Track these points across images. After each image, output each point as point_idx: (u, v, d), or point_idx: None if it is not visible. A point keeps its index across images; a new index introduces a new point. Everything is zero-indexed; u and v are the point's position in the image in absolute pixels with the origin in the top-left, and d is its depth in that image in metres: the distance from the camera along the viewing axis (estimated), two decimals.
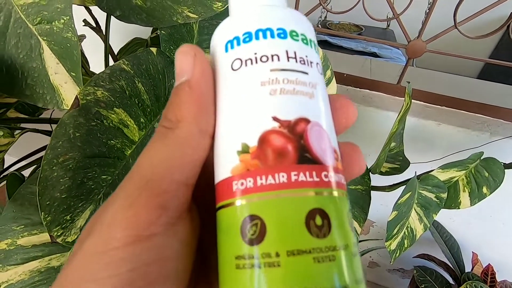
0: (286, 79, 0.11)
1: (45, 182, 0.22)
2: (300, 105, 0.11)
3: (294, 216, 0.10)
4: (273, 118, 0.11)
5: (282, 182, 0.10)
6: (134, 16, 0.33)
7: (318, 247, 0.10)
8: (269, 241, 0.10)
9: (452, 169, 0.50)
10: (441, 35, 0.57)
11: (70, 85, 0.26)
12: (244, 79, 0.12)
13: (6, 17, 0.28)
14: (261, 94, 0.11)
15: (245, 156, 0.11)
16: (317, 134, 0.11)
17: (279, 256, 0.10)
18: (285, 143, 0.11)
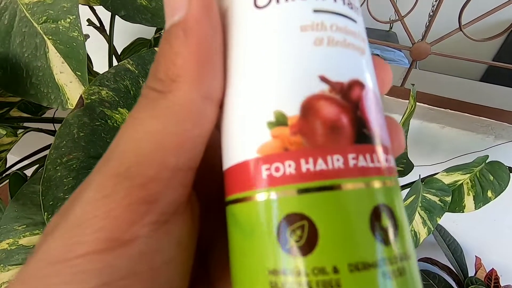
0: (335, 25, 0.08)
1: (48, 182, 0.22)
2: (353, 62, 0.08)
3: (357, 216, 0.07)
4: (321, 78, 0.08)
5: (337, 168, 0.08)
6: (139, 16, 0.33)
7: (386, 258, 0.07)
8: (323, 252, 0.07)
9: (456, 172, 0.49)
10: (446, 37, 0.57)
11: (75, 84, 0.26)
12: (276, 21, 0.08)
13: (11, 16, 0.28)
14: (302, 43, 0.08)
15: (281, 129, 0.08)
16: (373, 104, 0.08)
17: (338, 273, 0.07)
18: (340, 113, 0.08)
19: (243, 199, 0.08)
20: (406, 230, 0.08)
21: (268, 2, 0.08)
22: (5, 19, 0.28)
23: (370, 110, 0.08)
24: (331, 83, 0.08)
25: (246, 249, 0.08)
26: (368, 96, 0.08)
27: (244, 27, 0.09)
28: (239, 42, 0.09)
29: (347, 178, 0.08)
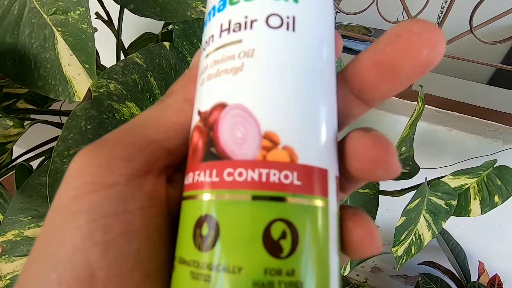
0: (213, 60, 0.10)
1: (55, 174, 0.22)
2: (219, 88, 0.10)
3: (188, 221, 0.09)
4: (198, 112, 0.10)
5: (187, 183, 0.10)
6: (148, 10, 0.33)
7: (199, 261, 0.08)
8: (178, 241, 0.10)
9: (463, 176, 0.49)
10: (456, 39, 0.56)
11: (83, 77, 0.25)
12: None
13: (21, 7, 0.27)
14: (197, 87, 0.11)
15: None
16: (232, 121, 0.09)
17: (174, 260, 0.10)
18: (198, 139, 0.10)
19: None
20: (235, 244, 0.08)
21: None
22: (14, 9, 0.28)
23: (224, 129, 0.09)
24: (200, 114, 0.10)
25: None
26: (229, 114, 0.09)
27: None
28: None
29: (190, 191, 0.10)
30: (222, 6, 0.10)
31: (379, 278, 0.99)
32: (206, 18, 0.11)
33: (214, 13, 0.11)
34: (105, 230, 0.09)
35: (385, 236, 0.88)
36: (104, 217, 0.09)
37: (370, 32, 1.65)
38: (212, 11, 0.11)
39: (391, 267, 0.95)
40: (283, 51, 0.10)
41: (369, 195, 0.48)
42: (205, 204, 0.09)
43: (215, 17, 0.10)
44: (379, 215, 0.59)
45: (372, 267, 0.98)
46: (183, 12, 0.34)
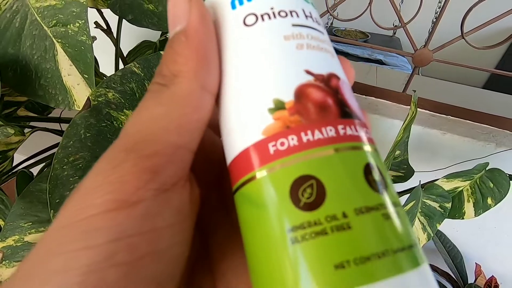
0: (310, 35, 0.11)
1: (55, 181, 0.22)
2: (327, 61, 0.11)
3: (354, 171, 0.09)
4: (306, 72, 0.10)
5: (331, 136, 0.09)
6: (146, 20, 0.34)
7: (383, 203, 0.09)
8: (332, 202, 0.09)
9: (457, 179, 0.49)
10: (448, 45, 0.57)
11: (82, 86, 0.26)
12: (264, 33, 0.11)
13: (23, 19, 0.28)
14: (287, 48, 0.10)
15: (281, 113, 0.10)
16: (348, 90, 0.11)
17: (347, 217, 0.08)
18: (325, 96, 0.10)
19: (253, 177, 0.10)
20: (391, 183, 0.10)
21: (255, 21, 0.11)
22: (16, 21, 0.29)
23: (347, 95, 0.11)
24: (314, 75, 0.10)
25: (262, 220, 0.09)
26: (344, 85, 0.11)
27: (235, 40, 0.11)
28: (233, 51, 0.11)
29: (340, 143, 0.09)
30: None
31: None
32: None
33: None
34: (130, 250, 0.08)
35: None
36: (128, 237, 0.08)
37: (367, 37, 1.66)
38: None
39: None
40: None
41: None
42: (365, 153, 0.10)
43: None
44: None
45: None
46: None
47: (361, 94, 0.69)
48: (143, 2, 0.35)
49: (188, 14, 0.10)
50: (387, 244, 0.08)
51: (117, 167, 0.09)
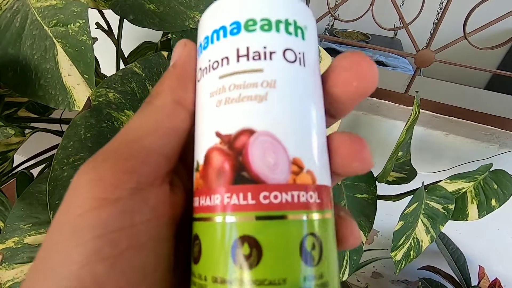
0: (233, 84, 0.10)
1: (55, 182, 0.22)
2: (245, 114, 0.10)
3: (222, 242, 0.09)
4: (216, 134, 0.10)
5: (215, 204, 0.10)
6: (147, 20, 0.34)
7: (241, 279, 0.09)
8: (203, 263, 0.10)
9: (460, 180, 0.49)
10: (450, 45, 0.57)
11: (82, 87, 0.26)
12: (200, 90, 0.12)
13: (23, 19, 0.28)
14: (209, 106, 0.11)
15: (197, 174, 0.11)
16: (263, 146, 0.10)
17: (206, 280, 0.09)
18: (223, 161, 0.10)
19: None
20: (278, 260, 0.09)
21: (200, 77, 0.12)
22: (17, 21, 0.28)
23: (254, 154, 0.10)
24: (221, 136, 0.10)
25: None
26: (258, 140, 0.10)
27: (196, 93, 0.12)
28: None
29: (222, 212, 0.10)
30: (236, 30, 0.11)
31: (379, 283, 0.99)
32: (208, 33, 0.11)
33: (225, 34, 0.11)
34: (112, 245, 0.10)
35: (385, 240, 0.87)
36: (111, 233, 0.10)
37: (368, 38, 1.66)
38: (221, 30, 0.11)
39: (392, 272, 0.95)
40: (300, 84, 0.11)
41: (366, 200, 0.49)
42: (243, 225, 0.09)
43: (227, 39, 0.11)
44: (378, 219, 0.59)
45: (373, 272, 0.98)
46: (181, 22, 0.35)
47: None
48: (145, 2, 0.35)
49: (180, 53, 0.13)
50: None
51: (97, 167, 0.10)
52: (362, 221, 0.48)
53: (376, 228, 0.86)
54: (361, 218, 0.48)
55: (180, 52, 0.13)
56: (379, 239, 0.88)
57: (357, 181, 0.48)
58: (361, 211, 0.48)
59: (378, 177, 0.49)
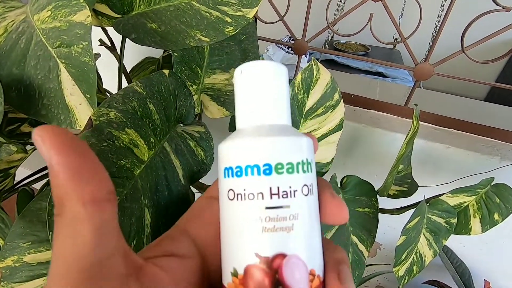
0: (268, 217, 0.13)
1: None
2: (278, 241, 0.13)
3: None
4: (256, 255, 0.13)
5: None
6: (149, 39, 0.35)
7: None
8: None
9: (462, 194, 0.49)
10: (449, 59, 0.58)
11: (84, 106, 0.26)
12: (235, 212, 0.14)
13: (28, 40, 0.29)
14: (248, 230, 0.13)
15: (235, 279, 0.13)
16: (293, 266, 0.13)
17: None
18: (263, 277, 0.13)
19: None
20: None
21: (233, 197, 0.14)
22: (22, 42, 0.29)
23: (287, 273, 0.13)
24: (261, 258, 0.13)
25: None
26: (290, 262, 0.13)
27: (223, 207, 0.15)
28: (223, 216, 0.15)
29: None
30: (269, 171, 0.13)
31: None
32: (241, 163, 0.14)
33: (259, 172, 0.13)
34: None
35: (388, 254, 0.86)
36: None
37: (368, 50, 1.68)
38: (255, 167, 0.13)
39: (395, 286, 0.93)
40: (313, 211, 0.14)
41: (368, 214, 0.48)
42: None
43: (260, 177, 0.13)
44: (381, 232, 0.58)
45: (376, 286, 0.96)
46: (182, 41, 0.36)
47: (363, 108, 0.69)
48: (147, 21, 0.36)
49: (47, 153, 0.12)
50: None
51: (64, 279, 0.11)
52: (364, 235, 0.47)
53: (379, 241, 0.85)
54: (363, 233, 0.48)
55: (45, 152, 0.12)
56: (382, 252, 0.87)
57: (358, 195, 0.48)
58: (363, 225, 0.48)
59: (379, 191, 0.49)
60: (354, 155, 0.70)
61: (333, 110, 0.45)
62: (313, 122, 0.45)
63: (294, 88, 0.43)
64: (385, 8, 0.56)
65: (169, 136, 0.34)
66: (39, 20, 0.29)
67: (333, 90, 0.45)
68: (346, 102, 0.66)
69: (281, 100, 0.15)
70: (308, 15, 0.62)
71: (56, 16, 0.28)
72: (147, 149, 0.30)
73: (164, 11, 0.37)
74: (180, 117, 0.37)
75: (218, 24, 0.37)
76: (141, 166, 0.29)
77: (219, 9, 0.38)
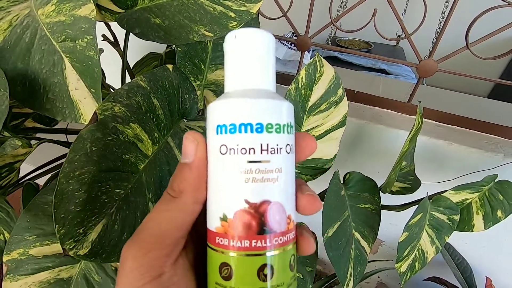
0: (258, 169, 0.15)
1: (61, 195, 0.22)
2: (265, 190, 0.15)
3: (251, 268, 0.15)
4: (245, 201, 0.15)
5: (245, 246, 0.15)
6: (153, 34, 0.34)
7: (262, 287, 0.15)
8: (235, 281, 0.15)
9: (465, 191, 0.49)
10: (453, 55, 0.57)
11: (89, 100, 0.27)
12: (228, 164, 0.15)
13: (32, 34, 0.29)
14: (238, 180, 0.15)
15: (224, 223, 0.15)
16: (275, 211, 0.16)
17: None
18: (251, 220, 0.15)
19: (211, 247, 0.16)
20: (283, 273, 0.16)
21: (226, 152, 0.15)
22: (26, 37, 0.29)
23: (271, 216, 0.15)
24: (249, 203, 0.15)
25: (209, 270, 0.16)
26: (273, 208, 0.15)
27: (214, 161, 0.16)
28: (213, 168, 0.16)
29: (250, 251, 0.15)
30: (260, 130, 0.15)
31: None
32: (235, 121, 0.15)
33: (252, 130, 0.15)
34: None
35: (390, 250, 0.86)
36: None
37: (371, 46, 1.67)
38: (248, 126, 0.15)
39: (397, 283, 0.93)
40: (291, 167, 0.16)
41: (370, 210, 0.48)
42: (263, 258, 0.15)
43: (253, 134, 0.15)
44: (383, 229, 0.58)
45: (378, 282, 0.96)
46: (186, 36, 0.36)
47: (366, 104, 0.68)
48: (150, 16, 0.36)
49: (194, 154, 0.16)
50: None
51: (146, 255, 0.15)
52: (366, 232, 0.48)
53: (381, 238, 0.86)
54: (365, 229, 0.48)
55: (192, 151, 0.16)
56: (383, 248, 0.87)
57: (361, 191, 0.48)
58: (365, 222, 0.48)
59: (382, 187, 0.49)
60: (357, 152, 0.70)
61: (336, 106, 0.45)
62: (316, 118, 0.45)
63: (298, 83, 0.43)
64: (389, 4, 0.56)
65: (172, 131, 0.34)
66: (44, 14, 0.29)
67: (336, 86, 0.44)
68: (349, 98, 0.66)
69: (271, 67, 0.17)
70: (311, 11, 0.61)
71: (60, 10, 0.28)
72: (151, 144, 0.30)
73: (167, 5, 0.37)
74: (184, 112, 0.37)
75: (221, 19, 0.37)
76: (145, 161, 0.29)
77: (222, 4, 0.38)
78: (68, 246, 0.23)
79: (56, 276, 0.29)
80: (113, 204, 0.25)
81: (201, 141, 0.16)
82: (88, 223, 0.24)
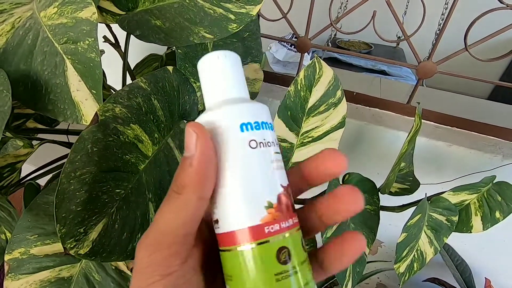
0: (277, 159, 0.17)
1: (62, 195, 0.23)
2: (283, 175, 0.17)
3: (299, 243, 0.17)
4: (281, 185, 0.17)
5: (295, 222, 0.17)
6: (153, 36, 0.35)
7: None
8: (295, 257, 0.16)
9: (463, 192, 0.49)
10: (452, 57, 0.58)
11: (90, 101, 0.27)
12: (260, 157, 0.16)
13: (35, 36, 0.29)
14: (271, 168, 0.17)
15: (271, 209, 0.16)
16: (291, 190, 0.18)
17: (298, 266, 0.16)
18: (288, 200, 0.17)
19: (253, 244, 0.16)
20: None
21: (256, 146, 0.16)
22: (29, 38, 0.29)
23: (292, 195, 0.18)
24: (283, 187, 0.17)
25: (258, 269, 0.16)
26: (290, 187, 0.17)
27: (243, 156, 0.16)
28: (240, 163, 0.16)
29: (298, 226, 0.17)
30: (271, 127, 0.18)
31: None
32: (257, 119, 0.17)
33: (269, 127, 0.18)
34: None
35: (389, 251, 0.86)
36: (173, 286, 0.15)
37: (370, 48, 1.68)
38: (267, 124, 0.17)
39: (396, 284, 0.93)
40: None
41: (369, 211, 0.49)
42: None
43: (271, 130, 0.18)
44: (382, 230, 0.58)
45: (377, 283, 0.96)
46: (186, 38, 0.36)
47: (365, 106, 0.69)
48: (151, 18, 0.36)
49: (194, 148, 0.15)
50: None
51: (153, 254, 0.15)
52: (365, 233, 0.48)
53: (380, 239, 0.86)
54: (364, 230, 0.48)
55: (192, 144, 0.16)
56: (382, 249, 0.88)
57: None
58: (364, 223, 0.48)
59: (381, 188, 0.49)
60: (356, 153, 0.70)
61: (335, 107, 0.45)
62: (316, 119, 0.45)
63: (297, 85, 0.43)
64: (389, 6, 0.56)
65: (172, 132, 0.34)
66: (46, 16, 0.30)
67: (335, 87, 0.45)
68: (348, 100, 0.66)
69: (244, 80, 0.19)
70: (311, 13, 0.62)
71: (62, 13, 0.29)
72: (151, 144, 0.31)
73: (168, 8, 0.37)
74: (184, 114, 0.37)
75: (221, 21, 0.37)
76: (145, 161, 0.30)
77: (222, 6, 0.38)
78: (69, 245, 0.23)
79: (57, 275, 0.30)
80: (114, 204, 0.26)
81: (202, 134, 0.15)
82: (89, 222, 0.24)
